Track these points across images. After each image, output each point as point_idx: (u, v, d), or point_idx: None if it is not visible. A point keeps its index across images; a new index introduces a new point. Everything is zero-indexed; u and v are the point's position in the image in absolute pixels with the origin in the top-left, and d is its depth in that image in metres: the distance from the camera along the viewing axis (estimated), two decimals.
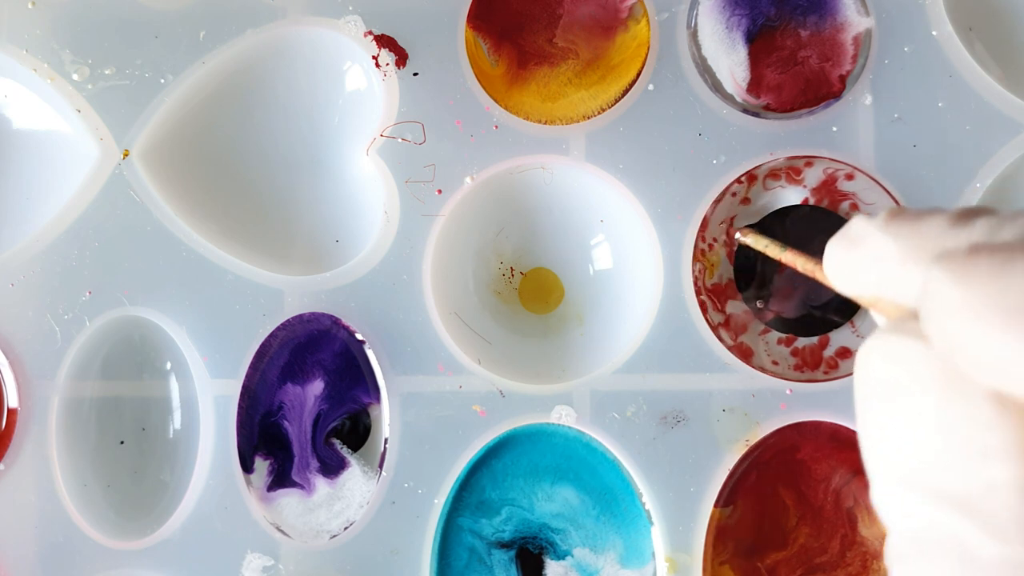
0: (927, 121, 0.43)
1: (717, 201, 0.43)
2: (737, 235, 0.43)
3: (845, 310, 0.44)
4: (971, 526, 0.18)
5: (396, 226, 0.44)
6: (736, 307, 0.44)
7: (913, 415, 0.19)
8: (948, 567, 0.19)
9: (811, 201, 0.44)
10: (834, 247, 0.23)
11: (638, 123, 0.44)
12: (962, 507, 0.18)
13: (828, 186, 0.43)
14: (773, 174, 0.44)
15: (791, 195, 0.44)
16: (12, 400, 0.43)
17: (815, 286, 0.44)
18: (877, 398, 0.20)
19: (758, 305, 0.44)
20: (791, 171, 0.43)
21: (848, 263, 0.23)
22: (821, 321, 0.44)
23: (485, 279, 0.46)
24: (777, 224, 0.44)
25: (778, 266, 0.44)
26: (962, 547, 0.18)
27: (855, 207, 0.43)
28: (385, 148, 0.44)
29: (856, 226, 0.23)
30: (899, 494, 0.20)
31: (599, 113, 0.44)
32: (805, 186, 0.44)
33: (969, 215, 0.20)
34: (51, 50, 0.44)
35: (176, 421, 0.44)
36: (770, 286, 0.44)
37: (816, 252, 0.44)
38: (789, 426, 0.43)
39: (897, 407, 0.20)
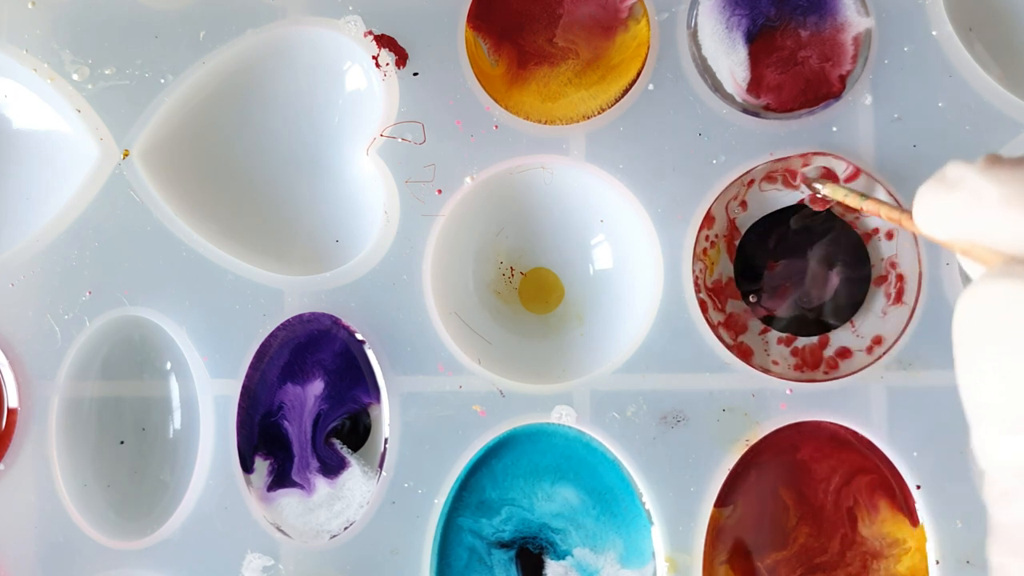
0: (927, 121, 0.43)
1: (719, 200, 0.43)
2: (817, 187, 0.42)
3: (841, 313, 0.44)
4: None
5: (396, 226, 0.44)
6: (736, 306, 0.44)
7: None
8: None
9: (806, 201, 0.44)
10: (928, 191, 0.23)
11: (638, 123, 0.44)
12: None
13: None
14: (769, 177, 0.44)
15: (789, 196, 0.44)
16: (12, 400, 0.43)
17: (811, 288, 0.44)
18: (984, 341, 0.20)
19: (751, 299, 0.44)
20: (788, 172, 0.43)
21: (944, 207, 0.23)
22: (814, 323, 0.44)
23: (485, 279, 0.46)
24: (777, 225, 0.44)
25: (773, 263, 0.44)
26: None
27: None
28: (385, 148, 0.44)
29: (953, 170, 0.22)
30: (1007, 433, 0.20)
31: (599, 113, 0.44)
32: (801, 190, 0.44)
33: None
34: (51, 50, 0.44)
35: (176, 421, 0.44)
36: (763, 282, 0.44)
37: (816, 255, 0.45)
38: (789, 426, 0.43)
39: (1007, 349, 0.20)
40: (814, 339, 0.44)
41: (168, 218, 0.44)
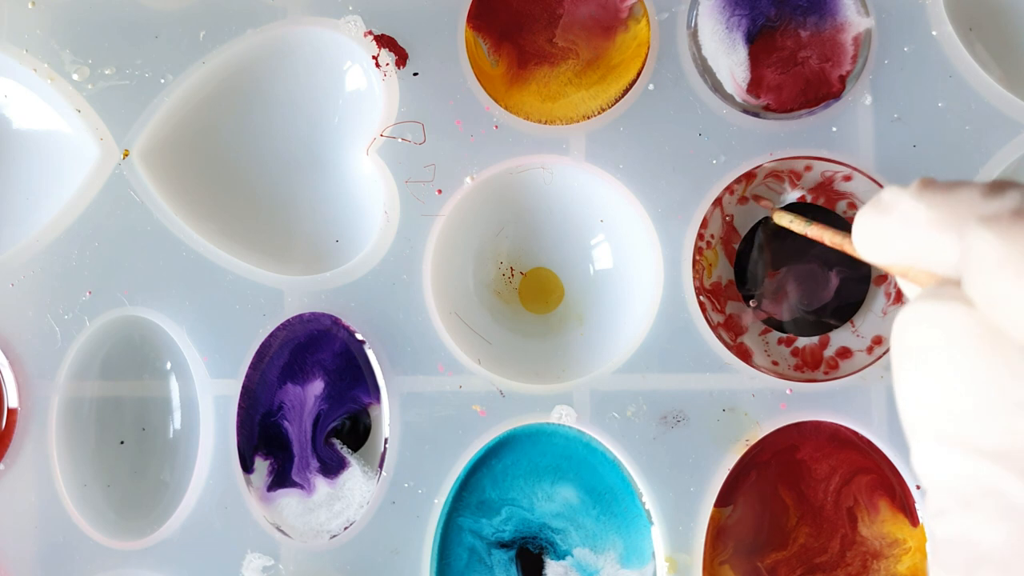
0: (927, 121, 0.43)
1: (717, 201, 0.43)
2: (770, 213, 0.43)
3: (840, 314, 0.44)
4: (1012, 478, 0.19)
5: (396, 226, 0.44)
6: (736, 307, 0.44)
7: (952, 374, 0.20)
8: (989, 518, 0.19)
9: (808, 200, 0.44)
10: (865, 215, 0.24)
11: (638, 123, 0.44)
12: (1002, 460, 0.19)
13: (826, 187, 0.43)
14: (775, 174, 0.44)
15: (788, 196, 0.44)
16: (12, 400, 0.43)
17: (810, 291, 0.44)
18: (915, 360, 0.21)
19: (751, 304, 0.44)
20: (792, 174, 0.43)
21: (880, 231, 0.23)
22: (815, 324, 0.44)
23: (485, 279, 0.46)
24: (775, 227, 0.44)
25: (772, 267, 0.44)
26: (1003, 498, 0.19)
27: (853, 206, 0.43)
28: (385, 148, 0.44)
29: (888, 195, 0.23)
30: (938, 452, 0.20)
31: (599, 113, 0.44)
32: (802, 187, 0.44)
33: (1000, 187, 0.21)
34: (51, 50, 0.44)
35: (176, 421, 0.44)
36: (763, 286, 0.44)
37: (815, 254, 0.44)
38: (789, 426, 0.43)
39: (936, 367, 0.20)
40: (814, 339, 0.44)
41: (168, 218, 0.44)
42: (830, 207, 0.44)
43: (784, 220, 0.40)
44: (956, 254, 0.21)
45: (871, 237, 0.23)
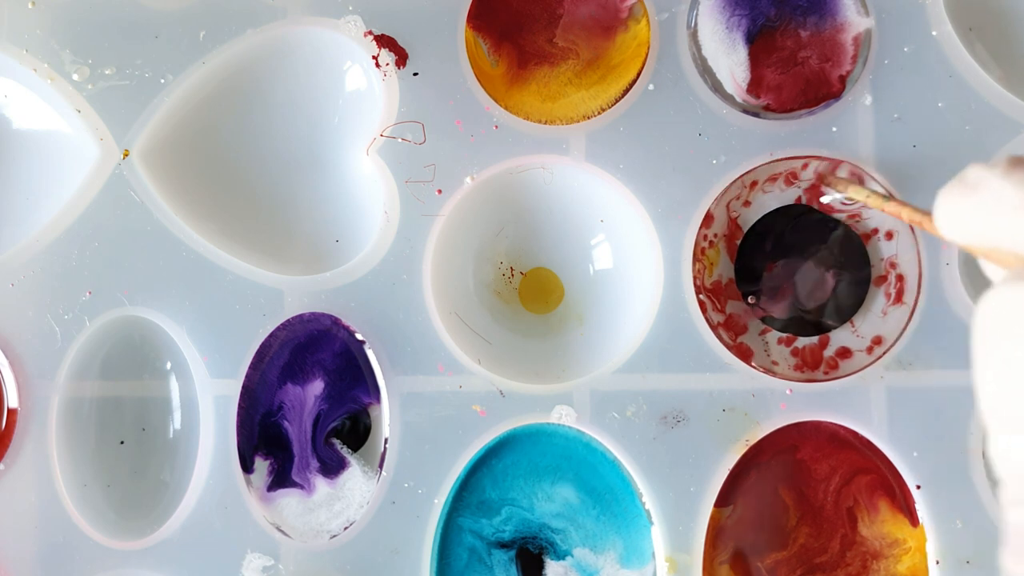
0: (927, 121, 0.43)
1: (723, 200, 0.43)
2: (838, 187, 0.42)
3: (841, 313, 0.44)
4: None
5: (396, 226, 0.44)
6: (736, 307, 0.44)
7: None
8: None
9: (804, 200, 0.44)
10: (949, 194, 0.23)
11: (638, 123, 0.44)
12: None
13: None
14: (771, 177, 0.44)
15: (787, 195, 0.44)
16: (12, 400, 0.43)
17: (811, 289, 0.44)
18: (1003, 345, 0.20)
19: (749, 301, 0.44)
20: (790, 173, 0.43)
21: (964, 210, 0.22)
22: (814, 323, 0.44)
23: (485, 279, 0.46)
24: (777, 224, 0.44)
25: (772, 264, 0.44)
26: None
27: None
28: (385, 148, 0.44)
29: (974, 173, 0.22)
30: (1022, 434, 0.20)
31: (599, 113, 0.44)
32: (799, 187, 0.44)
33: None
34: (51, 50, 0.44)
35: (176, 421, 0.44)
36: (762, 283, 0.44)
37: (815, 253, 0.45)
38: (789, 426, 0.43)
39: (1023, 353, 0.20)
40: (814, 339, 0.44)
41: (168, 218, 0.44)
42: (829, 210, 0.44)
43: (861, 195, 0.40)
44: None
45: (955, 216, 0.23)
